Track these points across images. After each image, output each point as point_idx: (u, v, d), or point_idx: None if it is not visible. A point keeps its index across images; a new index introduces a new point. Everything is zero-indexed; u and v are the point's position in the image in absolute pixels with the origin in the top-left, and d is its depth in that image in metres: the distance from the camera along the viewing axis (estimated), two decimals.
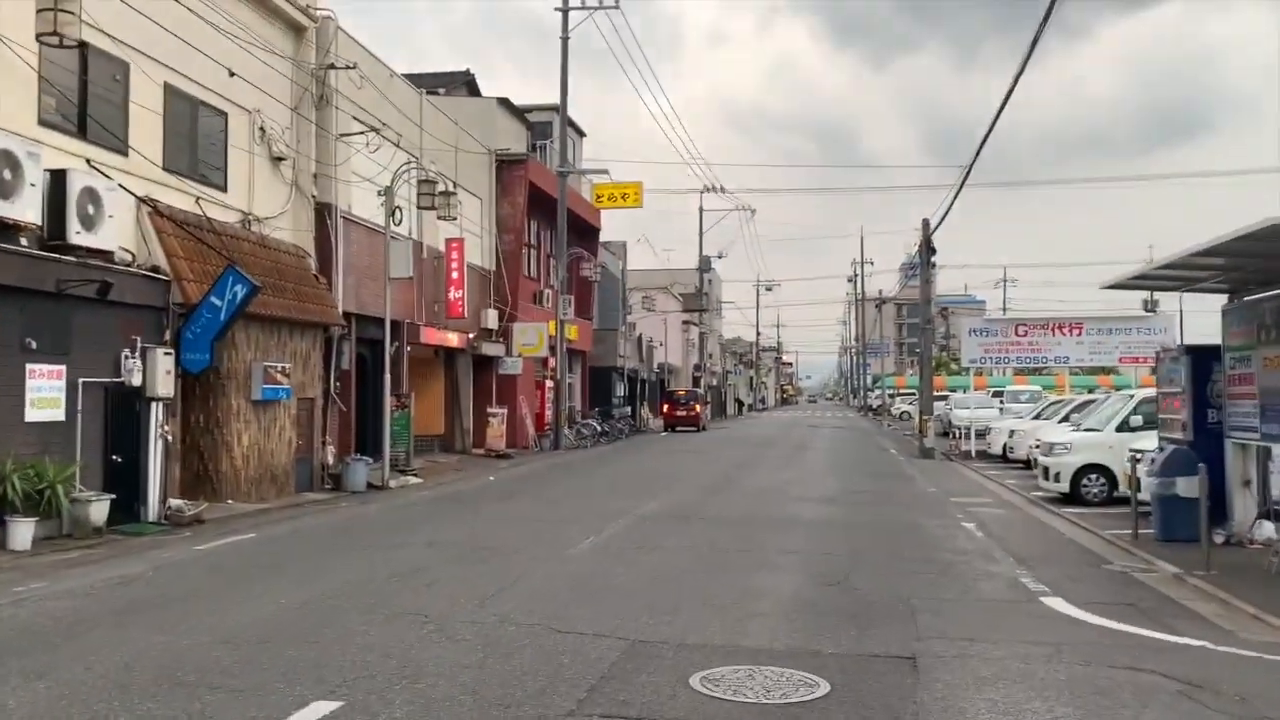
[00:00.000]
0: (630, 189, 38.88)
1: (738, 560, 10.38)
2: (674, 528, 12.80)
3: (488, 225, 29.99)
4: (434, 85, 31.94)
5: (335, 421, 20.19)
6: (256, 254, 17.21)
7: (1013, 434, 24.70)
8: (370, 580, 9.19)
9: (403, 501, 16.74)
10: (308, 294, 18.46)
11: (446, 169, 26.19)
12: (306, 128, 19.22)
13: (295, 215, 19.01)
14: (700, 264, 60.66)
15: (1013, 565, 10.43)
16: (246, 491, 16.50)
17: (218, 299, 14.62)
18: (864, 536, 12.27)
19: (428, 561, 10.21)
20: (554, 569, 9.72)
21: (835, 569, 9.93)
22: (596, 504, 15.08)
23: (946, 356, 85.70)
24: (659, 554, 10.64)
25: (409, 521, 13.98)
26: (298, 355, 18.15)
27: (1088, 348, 27.83)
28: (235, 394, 16.30)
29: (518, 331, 30.38)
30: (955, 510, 15.40)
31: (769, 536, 12.16)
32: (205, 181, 16.41)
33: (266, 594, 8.60)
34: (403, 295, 23.56)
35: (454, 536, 12.02)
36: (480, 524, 13.43)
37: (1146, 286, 13.96)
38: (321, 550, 11.26)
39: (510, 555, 10.54)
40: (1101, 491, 16.05)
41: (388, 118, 21.71)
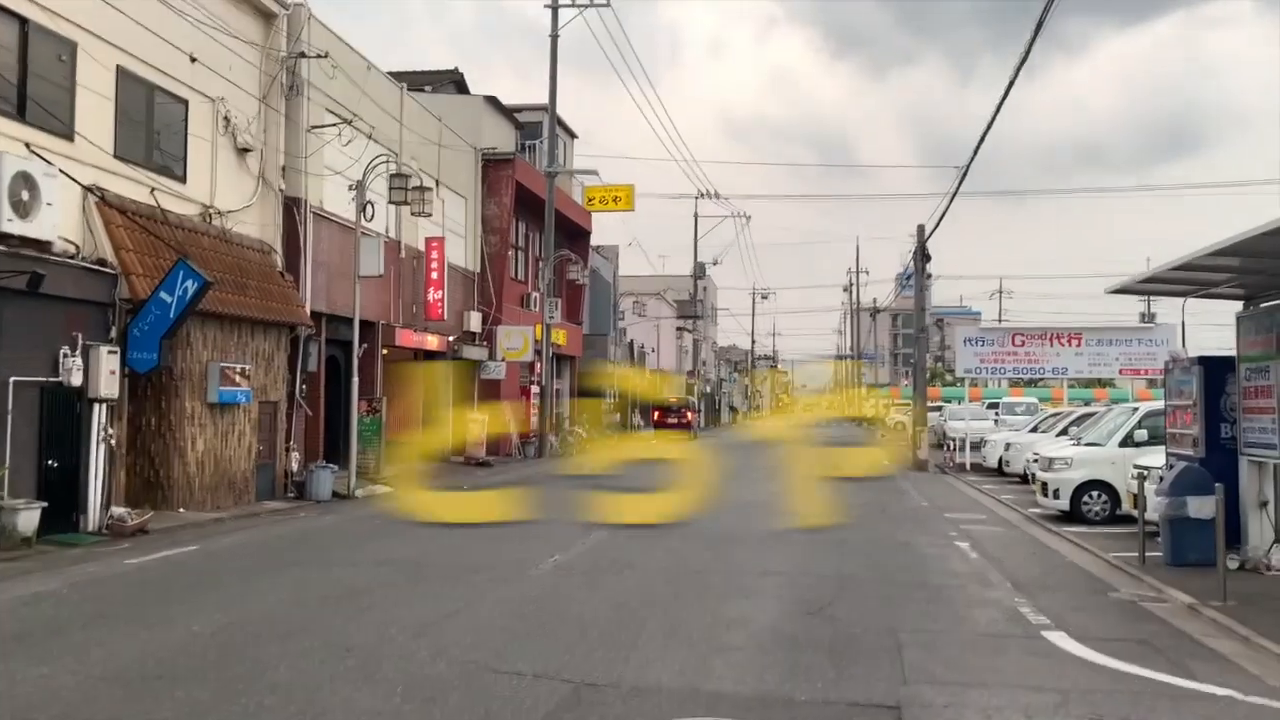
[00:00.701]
0: (622, 191, 38.13)
1: (714, 583, 9.51)
2: (648, 545, 11.93)
3: (472, 226, 29.14)
4: (421, 83, 31.14)
5: (301, 426, 19.31)
6: (217, 249, 16.35)
7: (1009, 447, 23.85)
8: (302, 603, 8.32)
9: (365, 513, 15.85)
10: (272, 292, 17.58)
11: (428, 166, 25.33)
12: (275, 118, 18.36)
13: (262, 210, 18.13)
14: (695, 270, 59.82)
15: (1010, 591, 9.57)
16: (200, 499, 15.60)
17: (167, 294, 13.75)
18: (852, 556, 11.41)
19: (372, 582, 9.34)
20: (509, 592, 8.84)
21: (818, 594, 9.06)
22: (571, 516, 14.20)
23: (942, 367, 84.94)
24: (628, 576, 9.76)
25: (364, 535, 13.11)
26: (260, 356, 17.26)
27: (1087, 359, 27.00)
28: (190, 396, 15.41)
29: (502, 335, 29.53)
30: (949, 527, 14.55)
31: (751, 555, 11.29)
32: (162, 171, 15.53)
33: (183, 617, 7.72)
34: (378, 295, 22.71)
35: (409, 553, 11.15)
36: (441, 539, 12.56)
37: (1156, 291, 13.13)
38: (262, 566, 10.37)
39: (466, 575, 9.66)
40: (1104, 510, 15.21)
41: (365, 111, 20.86)
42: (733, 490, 18.81)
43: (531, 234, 33.90)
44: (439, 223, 25.99)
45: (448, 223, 26.80)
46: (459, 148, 27.82)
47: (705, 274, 61.41)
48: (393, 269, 23.35)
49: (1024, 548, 12.94)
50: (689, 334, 62.48)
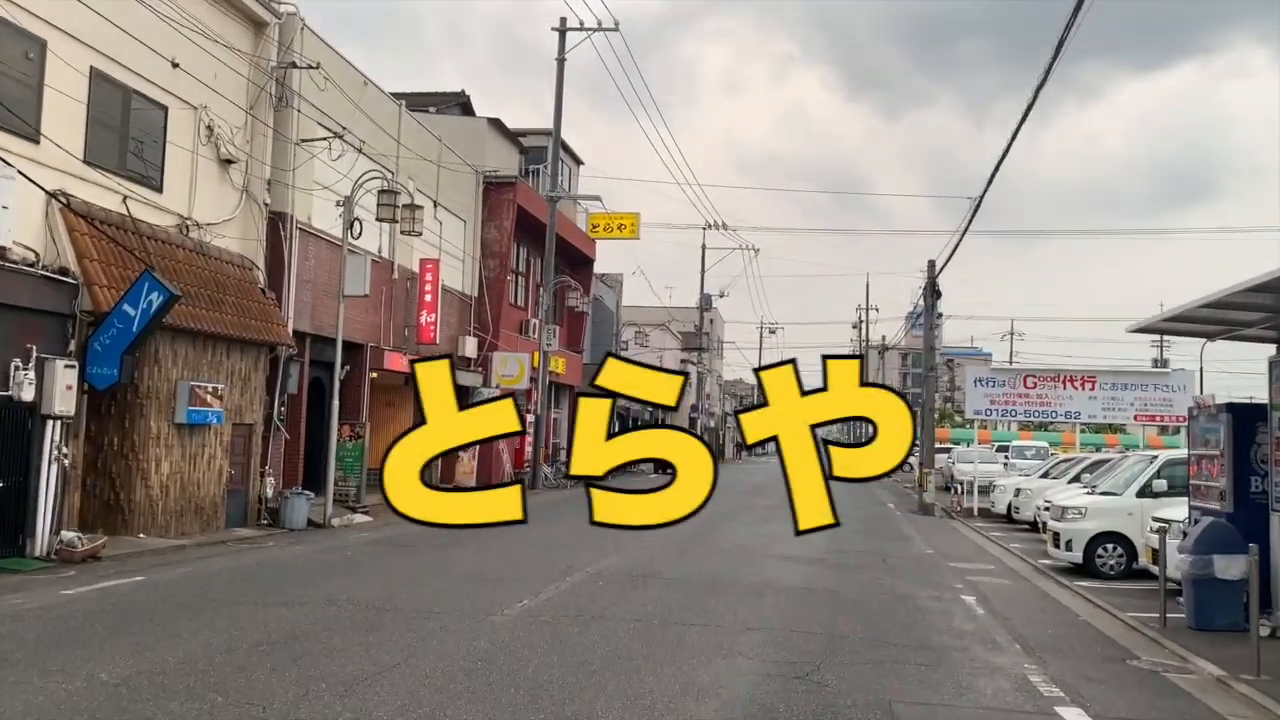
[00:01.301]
0: (627, 219, 37.43)
1: (692, 639, 8.63)
2: (627, 591, 11.06)
3: (471, 249, 28.46)
4: (427, 104, 30.62)
5: (279, 451, 18.50)
6: (192, 262, 15.64)
7: (1019, 493, 22.90)
8: (230, 649, 7.47)
9: (336, 544, 15.00)
10: (251, 309, 16.85)
11: (426, 186, 24.71)
12: (262, 130, 17.72)
13: (244, 224, 17.45)
14: (701, 301, 59.10)
15: (1019, 656, 8.68)
16: (164, 525, 14.80)
17: (131, 307, 13.00)
18: (847, 610, 10.52)
19: (315, 625, 8.49)
20: (460, 644, 7.98)
21: (807, 655, 8.19)
22: (550, 556, 13.34)
23: (951, 408, 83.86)
24: (597, 627, 8.89)
25: (326, 569, 12.26)
26: (235, 376, 16.51)
27: (1100, 403, 26.09)
28: (156, 415, 14.64)
29: (497, 361, 28.76)
30: (954, 578, 13.64)
31: (736, 607, 10.41)
32: (136, 179, 14.87)
33: (91, 663, 6.89)
34: (367, 316, 21.99)
35: (366, 593, 10.29)
36: (405, 576, 11.69)
37: (1182, 331, 12.29)
38: (204, 602, 9.53)
39: (419, 621, 8.81)
40: (1119, 564, 14.28)
41: (359, 127, 20.23)
42: (725, 531, 17.93)
43: (533, 259, 33.22)
44: (435, 244, 25.30)
45: (445, 245, 26.12)
46: (459, 169, 27.19)
47: (712, 306, 60.70)
48: (384, 290, 22.66)
49: (1034, 604, 12.03)
50: (693, 366, 61.63)
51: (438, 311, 24.22)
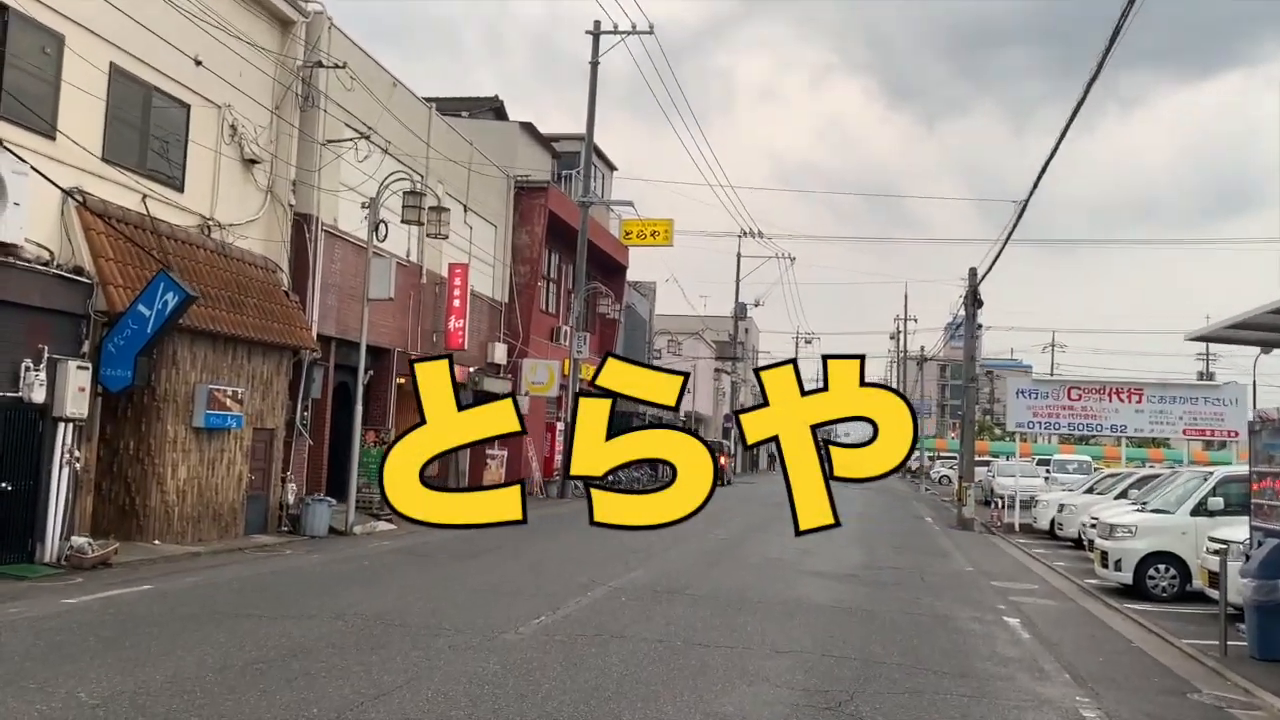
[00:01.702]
0: (661, 226, 36.93)
1: (716, 662, 8.09)
2: (650, 608, 10.53)
3: (501, 254, 28.10)
4: (460, 109, 30.38)
5: (302, 456, 18.18)
6: (213, 263, 15.34)
7: (1062, 508, 22.10)
8: (224, 667, 7.04)
9: (356, 552, 14.60)
10: (274, 311, 16.53)
11: (456, 191, 24.39)
12: (288, 130, 17.43)
13: (268, 225, 17.16)
14: (736, 310, 58.49)
15: (1069, 686, 8.06)
16: (180, 531, 14.47)
17: (146, 308, 12.69)
18: (882, 632, 9.92)
19: (319, 641, 8.05)
20: (468, 665, 7.50)
21: (839, 682, 7.62)
22: (572, 569, 12.84)
23: (990, 421, 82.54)
24: (615, 648, 8.37)
25: (341, 580, 11.83)
26: (256, 379, 16.18)
27: (1148, 416, 25.20)
28: (173, 419, 14.33)
29: (527, 368, 28.37)
30: (996, 598, 12.99)
31: (765, 626, 9.85)
32: (157, 178, 14.59)
33: (73, 680, 6.48)
34: (395, 321, 21.65)
35: (377, 606, 9.84)
36: (421, 588, 11.24)
37: (1245, 339, 11.59)
38: (207, 614, 9.13)
39: (428, 638, 8.34)
40: (1171, 585, 13.54)
41: (387, 129, 19.91)
42: (756, 544, 17.35)
43: (564, 266, 32.83)
44: (465, 249, 24.97)
45: (475, 250, 25.78)
46: (490, 173, 26.86)
47: (746, 314, 60.06)
48: (412, 294, 22.34)
49: (1083, 628, 11.36)
50: (727, 376, 61.02)
51: (466, 317, 23.85)
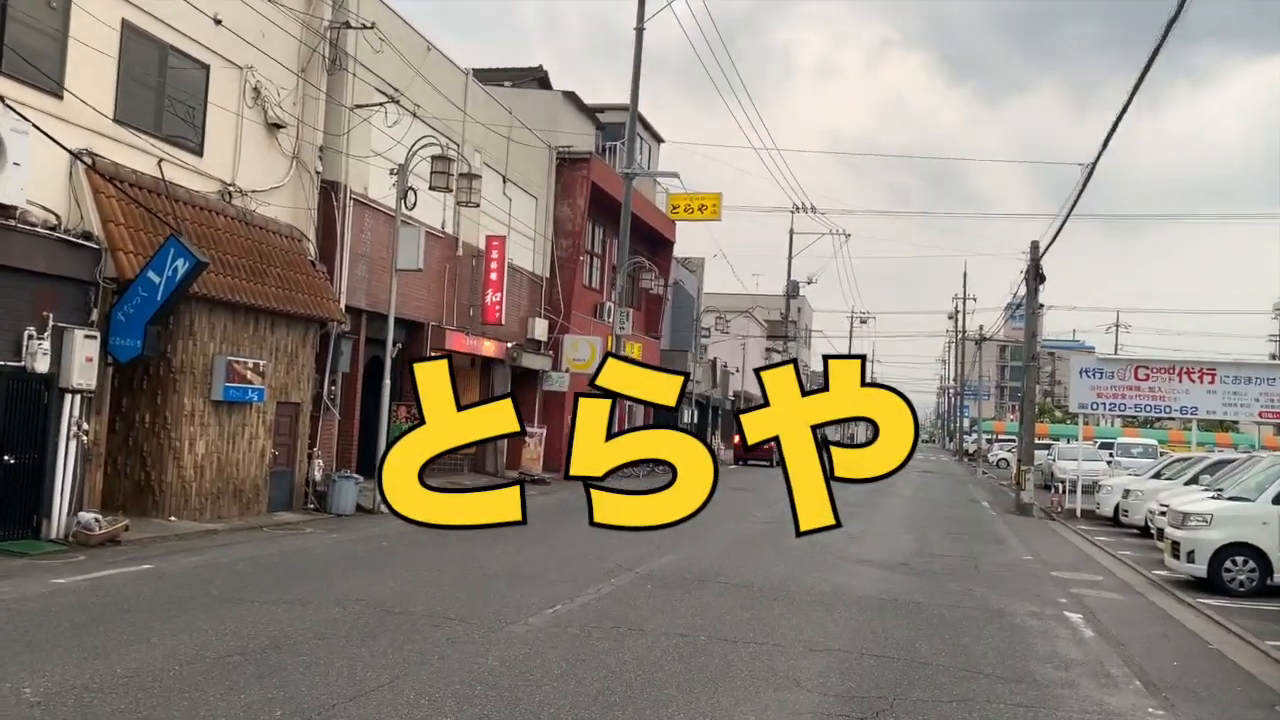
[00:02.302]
0: (709, 200, 35.85)
1: (742, 662, 7.30)
2: (676, 597, 9.76)
3: (542, 228, 27.37)
4: (502, 79, 29.68)
5: (330, 432, 17.65)
6: (234, 231, 14.79)
7: (1128, 494, 20.90)
8: (195, 659, 6.41)
9: (377, 532, 14.01)
10: (299, 282, 15.96)
11: (495, 161, 23.71)
12: (314, 95, 16.81)
13: (294, 192, 16.57)
14: (788, 289, 57.19)
15: (1140, 696, 7.15)
16: (198, 507, 13.99)
17: (155, 275, 12.14)
18: (930, 628, 9.05)
19: (308, 631, 7.39)
20: (465, 660, 6.78)
21: (879, 687, 6.79)
22: (600, 552, 12.08)
23: (1051, 403, 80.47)
24: (632, 643, 7.61)
25: (352, 561, 11.23)
26: (279, 352, 15.65)
27: (1220, 398, 23.78)
28: (190, 392, 13.83)
29: (568, 345, 27.66)
30: (1056, 591, 12.03)
31: (800, 621, 9.04)
32: (173, 142, 14.04)
33: (25, 671, 5.90)
34: (430, 294, 21.06)
35: (382, 591, 9.19)
36: (434, 572, 10.58)
37: None
38: (196, 599, 8.53)
39: (427, 629, 7.65)
40: (1250, 579, 12.46)
41: (421, 96, 19.24)
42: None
43: (608, 240, 32.01)
44: (504, 221, 24.29)
45: (514, 222, 25.08)
46: (531, 144, 26.10)
47: (799, 293, 58.76)
48: (448, 267, 21.73)
49: (1153, 626, 10.37)
50: (778, 355, 59.85)
51: (503, 291, 23.19)
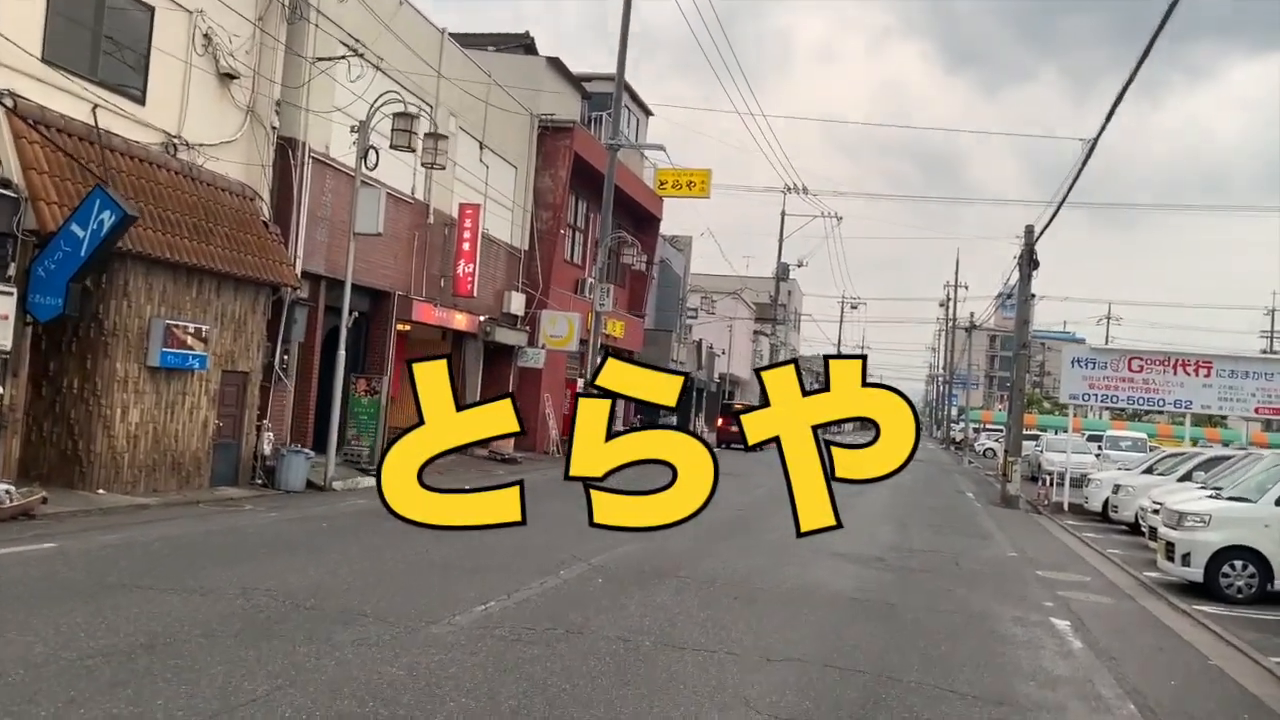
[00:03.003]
0: (698, 176, 34.88)
1: (688, 674, 6.45)
2: (628, 593, 8.92)
3: (522, 199, 26.38)
4: (485, 44, 28.60)
5: (283, 404, 16.74)
6: (178, 186, 13.84)
7: (1118, 489, 20.13)
8: (49, 660, 5.53)
9: (322, 511, 13.14)
10: (249, 243, 15.01)
11: (471, 126, 22.74)
12: (272, 44, 15.80)
13: (247, 148, 15.61)
14: (778, 270, 56.31)
15: None
16: (131, 480, 13.10)
17: (79, 228, 11.21)
18: (904, 635, 8.23)
19: (194, 628, 6.51)
20: (363, 669, 5.92)
21: (839, 709, 5.96)
22: (554, 540, 11.17)
23: (1040, 394, 79.80)
24: (565, 649, 6.75)
25: (280, 544, 10.35)
26: (226, 317, 14.71)
27: (1216, 392, 22.99)
28: (124, 357, 12.90)
29: (546, 320, 26.75)
30: (1042, 592, 11.22)
31: (761, 623, 8.20)
32: (113, 88, 13.07)
33: None
34: (398, 263, 20.12)
35: (299, 580, 8.31)
36: (366, 559, 9.70)
37: None
38: (87, 585, 7.64)
39: (334, 628, 6.77)
40: (1249, 585, 11.66)
41: (390, 53, 18.23)
42: (779, 517, 15.59)
43: (591, 214, 31.02)
44: (479, 189, 23.32)
45: (491, 191, 24.12)
46: (512, 110, 25.08)
47: (789, 275, 57.91)
48: (418, 234, 20.78)
49: (1146, 636, 9.56)
50: (767, 338, 59.05)
51: (476, 262, 22.22)
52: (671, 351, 38.45)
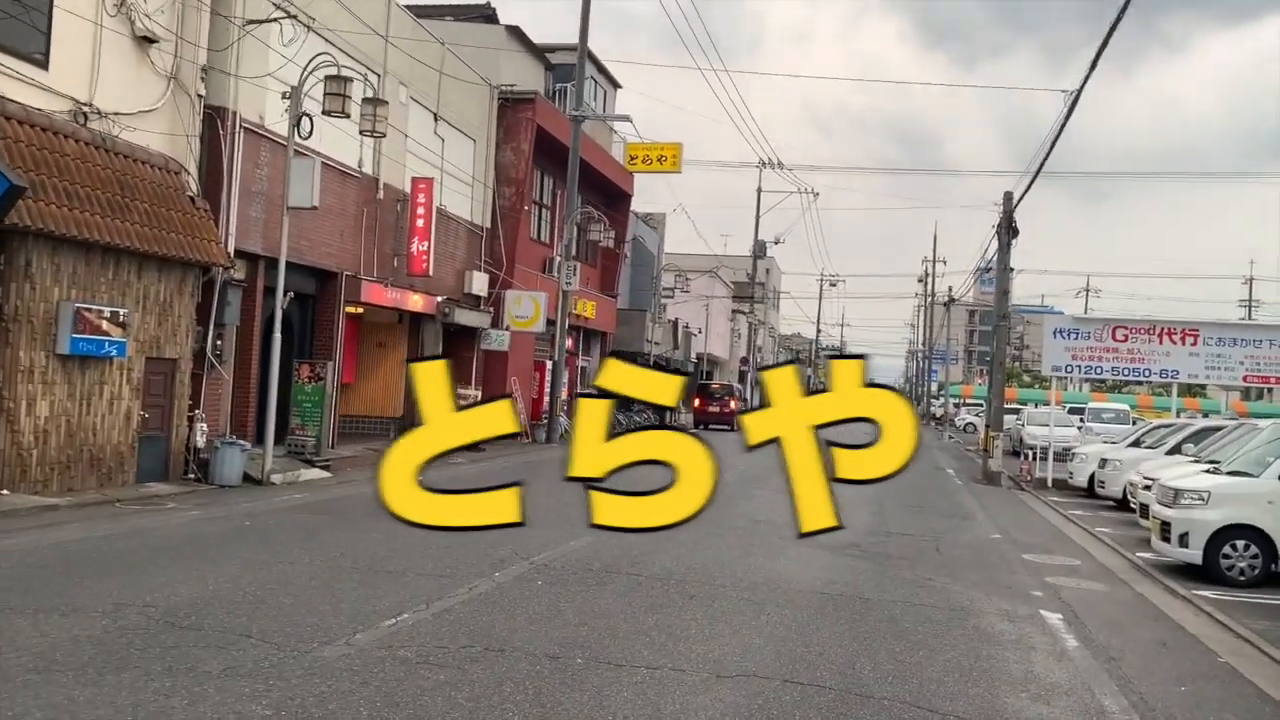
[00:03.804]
0: (669, 150, 33.81)
1: (618, 700, 5.49)
2: (567, 597, 7.95)
3: (482, 174, 25.27)
4: (444, 14, 27.43)
5: (218, 393, 15.66)
6: (88, 158, 12.72)
7: (1105, 463, 19.32)
8: None
9: (250, 508, 12.11)
10: (173, 220, 13.91)
11: (424, 96, 21.64)
12: (196, 6, 14.65)
13: (171, 118, 14.49)
14: (755, 248, 55.26)
15: None
16: (41, 479, 12.05)
17: None
18: (877, 636, 7.29)
19: (42, 655, 5.51)
20: (225, 706, 4.93)
21: None
22: (503, 536, 10.20)
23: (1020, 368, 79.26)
24: (478, 673, 5.77)
25: (187, 550, 9.31)
26: (148, 300, 13.63)
27: (1204, 360, 22.21)
28: (28, 344, 11.82)
29: (510, 300, 25.70)
30: (1029, 580, 10.34)
31: (716, 628, 7.25)
32: (6, 50, 11.92)
33: None
34: (345, 241, 19.03)
35: (189, 592, 7.30)
36: (279, 565, 8.68)
37: None
38: None
39: (206, 652, 5.77)
40: (1252, 567, 10.80)
41: (331, 18, 17.10)
42: (749, 502, 14.66)
43: (558, 190, 29.91)
44: (435, 163, 22.21)
45: (448, 166, 23.01)
46: (469, 80, 23.95)
47: (766, 253, 56.90)
48: (367, 210, 19.70)
49: (1146, 628, 8.66)
50: (744, 317, 58.13)
51: (431, 239, 21.13)
52: (646, 331, 37.46)
